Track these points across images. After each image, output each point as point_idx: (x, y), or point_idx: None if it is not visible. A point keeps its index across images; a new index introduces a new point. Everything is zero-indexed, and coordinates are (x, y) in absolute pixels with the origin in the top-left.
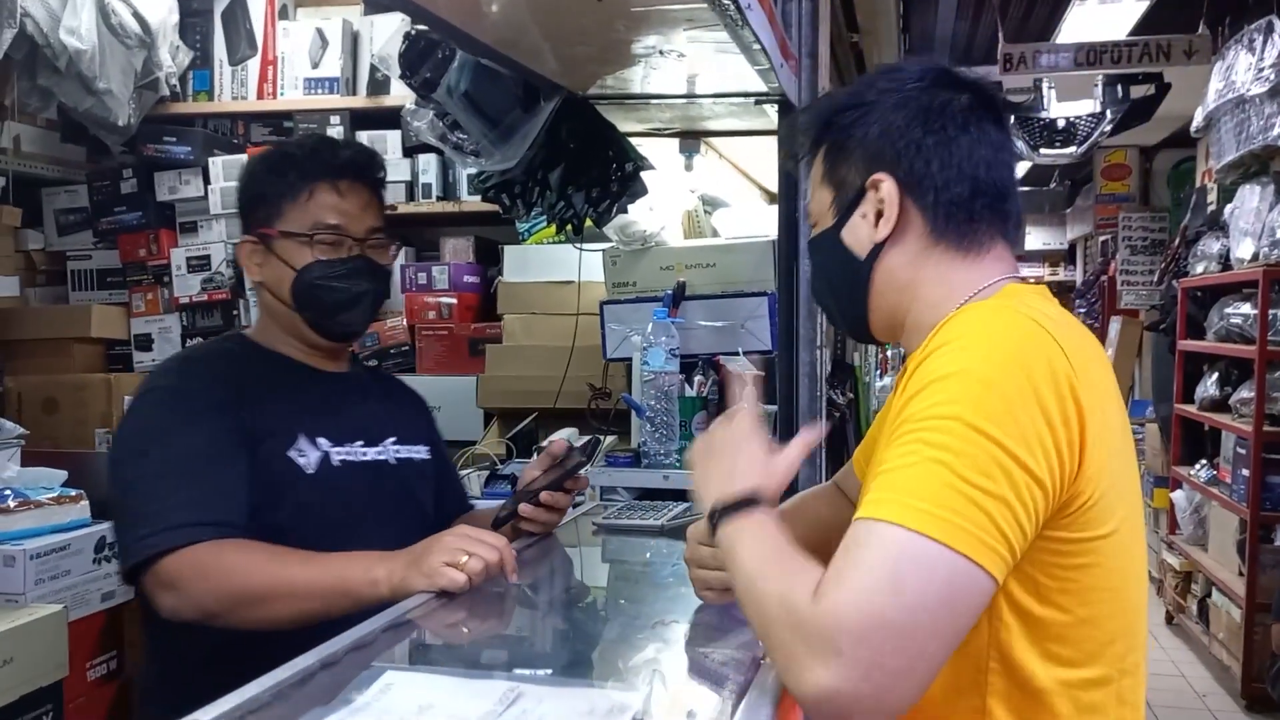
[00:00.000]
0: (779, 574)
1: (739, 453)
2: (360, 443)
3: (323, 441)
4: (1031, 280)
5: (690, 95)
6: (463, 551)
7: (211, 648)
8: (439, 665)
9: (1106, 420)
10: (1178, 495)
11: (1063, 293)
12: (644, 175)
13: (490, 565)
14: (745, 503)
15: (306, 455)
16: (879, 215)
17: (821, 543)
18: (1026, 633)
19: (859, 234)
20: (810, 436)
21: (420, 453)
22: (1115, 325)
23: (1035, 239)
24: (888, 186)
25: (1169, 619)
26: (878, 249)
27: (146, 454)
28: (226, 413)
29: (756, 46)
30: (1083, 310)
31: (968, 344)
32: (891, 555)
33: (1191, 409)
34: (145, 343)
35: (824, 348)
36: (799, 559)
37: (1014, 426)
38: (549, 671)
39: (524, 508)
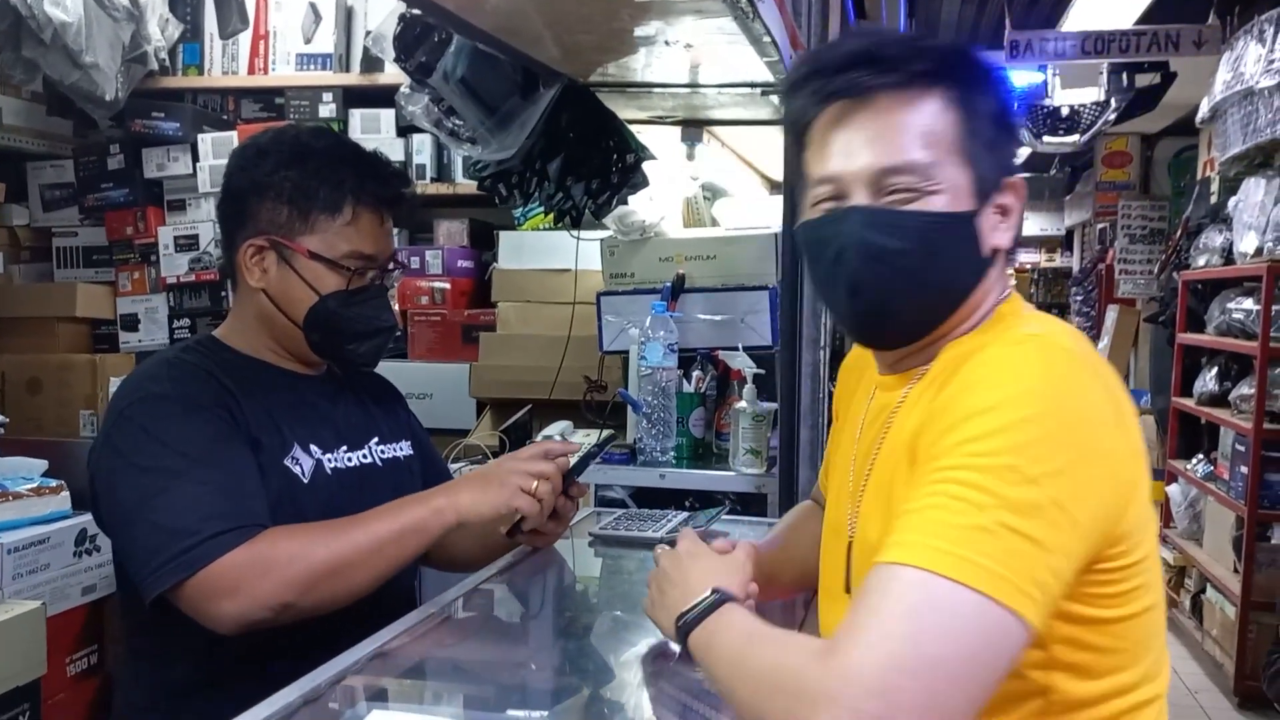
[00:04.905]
0: (768, 648)
1: (691, 569)
2: (344, 447)
3: (314, 449)
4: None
5: (694, 85)
6: (533, 476)
7: (209, 672)
8: (427, 703)
9: (1138, 450)
10: (1173, 489)
11: (1059, 279)
12: (645, 165)
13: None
14: (711, 602)
15: (301, 464)
16: (1002, 218)
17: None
18: (1070, 664)
19: (983, 230)
20: (750, 547)
21: (403, 449)
22: (1112, 314)
23: (1032, 224)
24: (1021, 191)
25: None
26: (994, 254)
27: (159, 463)
28: (227, 413)
29: (767, 39)
30: (1079, 298)
31: (1005, 377)
32: (913, 602)
33: (1189, 403)
34: (131, 323)
35: (826, 347)
36: (786, 632)
37: (1054, 466)
38: (544, 714)
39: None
